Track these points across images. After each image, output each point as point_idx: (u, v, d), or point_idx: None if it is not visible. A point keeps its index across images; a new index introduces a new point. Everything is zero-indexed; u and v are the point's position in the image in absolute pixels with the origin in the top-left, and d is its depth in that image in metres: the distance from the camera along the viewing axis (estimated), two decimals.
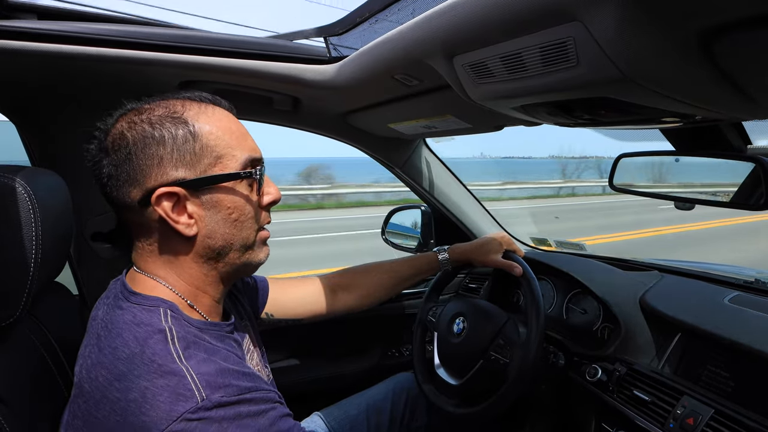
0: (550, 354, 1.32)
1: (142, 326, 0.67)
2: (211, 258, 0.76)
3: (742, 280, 1.32)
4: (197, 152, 0.71)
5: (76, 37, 0.95)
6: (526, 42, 0.62)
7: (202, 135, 0.72)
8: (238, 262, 0.78)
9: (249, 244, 0.78)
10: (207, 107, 0.76)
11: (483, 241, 1.41)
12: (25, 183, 0.71)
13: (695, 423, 0.97)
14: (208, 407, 0.59)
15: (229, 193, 0.74)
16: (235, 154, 0.74)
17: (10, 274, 0.70)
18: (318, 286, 1.25)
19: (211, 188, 0.73)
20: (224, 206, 0.74)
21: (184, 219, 0.72)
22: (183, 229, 0.71)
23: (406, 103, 1.17)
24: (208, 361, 0.65)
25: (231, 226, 0.75)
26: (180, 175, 0.71)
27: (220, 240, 0.74)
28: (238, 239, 0.76)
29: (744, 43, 0.47)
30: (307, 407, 1.38)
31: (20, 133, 1.24)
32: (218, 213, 0.73)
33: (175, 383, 0.61)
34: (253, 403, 0.64)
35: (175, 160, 0.71)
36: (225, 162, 0.73)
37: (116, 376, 0.63)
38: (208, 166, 0.72)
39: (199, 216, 0.73)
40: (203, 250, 0.74)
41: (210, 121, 0.73)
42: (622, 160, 1.13)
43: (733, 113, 0.73)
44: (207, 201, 0.73)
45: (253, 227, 0.78)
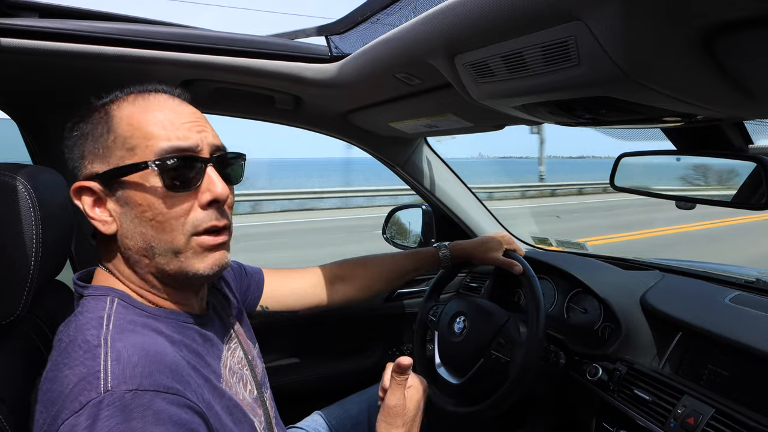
0: (551, 353, 1.32)
1: (85, 314, 0.66)
2: (137, 261, 0.70)
3: (743, 279, 1.32)
4: (109, 144, 0.68)
5: (77, 35, 0.95)
6: (528, 41, 0.62)
7: (118, 126, 0.68)
8: (168, 269, 0.70)
9: (176, 249, 0.69)
10: (142, 97, 0.72)
11: (484, 239, 1.41)
12: (25, 181, 0.71)
13: (696, 422, 0.97)
14: (107, 402, 0.55)
15: (139, 188, 0.67)
16: (150, 143, 0.67)
17: (11, 273, 0.70)
18: (316, 277, 1.24)
19: (122, 183, 0.67)
20: (135, 203, 0.68)
21: (104, 216, 0.69)
22: (99, 226, 0.69)
23: (408, 102, 1.17)
24: (137, 347, 0.61)
25: (147, 227, 0.68)
26: (94, 169, 0.69)
27: (139, 241, 0.69)
28: (161, 242, 0.69)
29: (746, 42, 0.47)
30: (308, 406, 1.38)
31: (21, 131, 1.25)
32: (132, 211, 0.68)
33: (87, 370, 0.58)
34: (158, 413, 0.57)
35: (92, 153, 0.69)
36: (138, 153, 0.67)
37: (52, 366, 0.62)
38: (120, 159, 0.67)
39: (117, 214, 0.69)
40: (125, 250, 0.70)
41: (132, 111, 0.69)
42: (623, 159, 1.12)
43: (734, 112, 0.73)
44: (121, 197, 0.68)
45: (178, 230, 0.69)
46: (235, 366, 0.84)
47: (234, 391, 0.79)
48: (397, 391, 0.91)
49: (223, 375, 0.78)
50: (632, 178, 1.14)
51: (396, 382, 0.91)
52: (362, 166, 33.90)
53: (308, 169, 57.79)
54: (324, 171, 41.03)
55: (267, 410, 0.89)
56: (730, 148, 0.94)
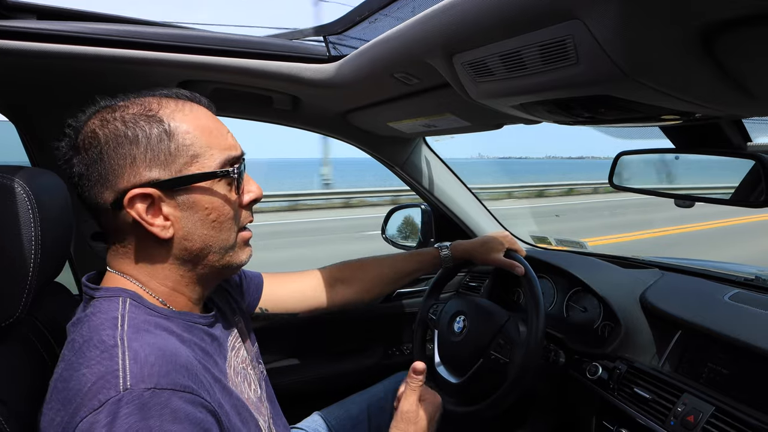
0: (551, 352, 1.32)
1: (98, 315, 0.67)
2: (188, 260, 0.73)
3: (742, 277, 1.32)
4: (172, 151, 0.69)
5: (75, 37, 0.95)
6: (526, 40, 0.62)
7: (178, 134, 0.69)
8: (217, 264, 0.76)
9: (229, 245, 0.76)
10: (184, 105, 0.73)
11: (485, 239, 1.40)
12: (24, 183, 0.71)
13: (696, 420, 0.97)
14: (126, 400, 0.56)
15: (206, 193, 0.71)
16: (212, 152, 0.72)
17: (10, 275, 0.70)
18: (315, 280, 1.24)
19: (187, 188, 0.70)
20: (201, 207, 0.71)
21: (160, 221, 0.69)
22: (158, 231, 0.69)
23: (406, 102, 1.17)
24: (153, 347, 0.62)
25: (209, 228, 0.73)
26: (154, 175, 0.68)
27: (198, 242, 0.72)
28: (218, 241, 0.74)
29: (744, 41, 0.47)
30: (308, 406, 1.38)
31: (20, 134, 1.24)
32: (195, 214, 0.71)
33: (105, 369, 0.59)
34: (175, 411, 0.58)
35: (149, 159, 0.68)
36: (201, 161, 0.71)
37: (66, 366, 0.63)
38: (184, 165, 0.69)
39: (176, 218, 0.70)
40: (180, 252, 0.72)
41: (186, 120, 0.71)
42: (621, 157, 1.12)
43: (733, 110, 0.73)
44: (183, 202, 0.70)
45: (233, 228, 0.76)
46: (239, 366, 0.85)
47: (239, 390, 0.80)
48: (411, 397, 0.95)
49: (229, 374, 0.79)
50: (631, 176, 1.14)
51: (410, 388, 0.95)
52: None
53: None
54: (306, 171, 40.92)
55: (268, 410, 0.89)
56: (729, 146, 0.94)
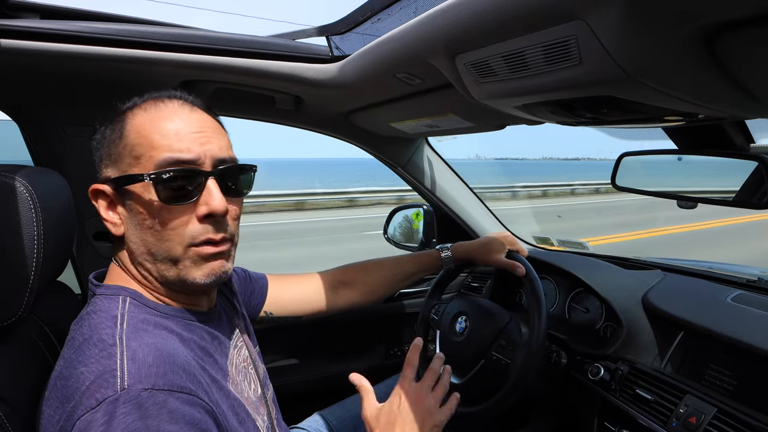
0: (553, 353, 1.32)
1: (98, 313, 0.68)
2: (140, 262, 0.73)
3: (744, 278, 1.31)
4: (120, 151, 0.71)
5: (78, 36, 0.95)
6: (529, 41, 0.62)
7: (129, 134, 0.70)
8: (168, 276, 0.72)
9: (174, 257, 0.71)
10: (157, 103, 0.72)
11: (486, 240, 1.40)
12: (26, 182, 0.71)
13: (698, 422, 0.97)
14: (124, 400, 0.56)
15: (139, 198, 0.69)
16: (153, 154, 0.68)
17: (12, 274, 0.70)
18: (318, 283, 1.24)
19: (128, 190, 0.70)
20: (137, 211, 0.70)
21: (114, 219, 0.73)
22: (110, 227, 0.73)
23: (409, 102, 1.17)
24: (151, 346, 0.62)
25: (147, 234, 0.70)
26: (108, 173, 0.72)
27: (140, 245, 0.72)
28: (159, 249, 0.71)
29: (747, 42, 0.47)
30: (309, 406, 1.38)
31: (23, 133, 1.25)
32: (135, 217, 0.71)
33: (104, 368, 0.59)
34: (172, 412, 0.58)
35: (107, 158, 0.72)
36: (142, 163, 0.69)
37: (66, 364, 0.63)
38: (128, 166, 0.70)
39: (124, 218, 0.73)
40: (130, 253, 0.74)
41: (144, 119, 0.70)
42: (624, 158, 1.12)
43: (735, 111, 0.73)
44: (128, 203, 0.71)
45: (176, 240, 0.70)
46: (241, 364, 0.85)
47: (240, 389, 0.80)
48: (364, 401, 0.93)
49: (230, 373, 0.79)
50: (634, 177, 1.14)
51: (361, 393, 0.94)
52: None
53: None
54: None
55: (269, 410, 0.89)
56: (732, 147, 0.94)
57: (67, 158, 1.23)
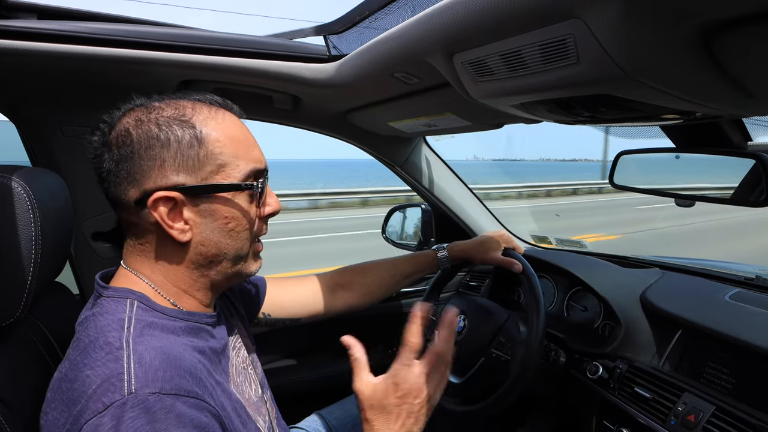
0: (551, 351, 1.32)
1: (105, 315, 0.67)
2: (202, 265, 0.75)
3: (742, 276, 1.32)
4: (201, 158, 0.70)
5: (76, 36, 0.95)
6: (526, 39, 0.62)
7: (208, 142, 0.70)
8: (229, 272, 0.77)
9: (242, 255, 0.77)
10: (217, 112, 0.74)
11: (482, 238, 1.41)
12: (23, 183, 0.71)
13: (696, 420, 0.97)
14: (132, 404, 0.56)
15: (228, 203, 0.73)
16: (239, 164, 0.73)
17: (10, 275, 0.70)
18: (316, 285, 1.24)
19: (210, 197, 0.71)
20: (221, 216, 0.72)
21: (180, 225, 0.71)
22: (177, 234, 0.70)
23: (406, 101, 1.17)
24: (158, 350, 0.63)
25: (226, 236, 0.74)
26: (180, 180, 0.69)
27: (213, 248, 0.73)
28: (232, 249, 0.75)
29: (745, 40, 0.47)
30: (308, 406, 1.38)
31: (20, 133, 1.25)
32: (214, 222, 0.72)
33: (110, 371, 0.59)
34: (180, 416, 0.58)
35: (178, 164, 0.69)
36: (228, 171, 0.72)
37: (71, 366, 0.63)
38: (210, 173, 0.71)
39: (195, 223, 0.71)
40: (195, 257, 0.73)
41: (217, 128, 0.72)
42: (622, 157, 1.12)
43: (733, 110, 0.73)
44: (204, 209, 0.71)
45: (248, 238, 0.77)
46: (240, 366, 0.86)
47: (241, 390, 0.80)
48: (356, 380, 0.86)
49: (231, 374, 0.79)
50: (631, 175, 1.14)
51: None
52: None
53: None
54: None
55: (269, 410, 0.90)
56: (730, 145, 0.94)
57: (65, 159, 1.23)
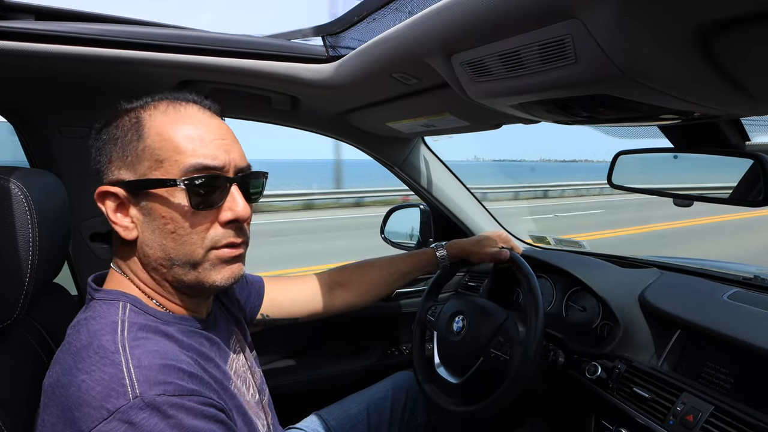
0: (550, 352, 1.32)
1: (98, 319, 0.66)
2: (154, 267, 0.72)
3: (741, 276, 1.32)
4: (139, 153, 0.68)
5: (74, 37, 0.94)
6: (525, 40, 0.62)
7: (149, 136, 0.68)
8: (185, 279, 0.72)
9: (194, 261, 0.71)
10: (174, 106, 0.72)
11: (480, 237, 1.42)
12: (21, 184, 0.71)
13: (695, 419, 0.97)
14: (140, 406, 0.56)
15: (164, 201, 0.68)
16: (179, 159, 0.68)
17: (7, 276, 0.70)
18: (314, 284, 1.24)
19: (148, 194, 0.69)
20: (158, 215, 0.69)
21: (126, 222, 0.70)
22: (121, 231, 0.70)
23: (405, 102, 1.17)
24: (155, 354, 0.62)
25: (168, 238, 0.70)
26: (121, 175, 0.69)
27: (158, 250, 0.70)
28: (179, 254, 0.70)
29: (743, 40, 0.47)
30: (307, 407, 1.38)
31: (18, 134, 1.24)
32: (154, 221, 0.69)
33: (109, 377, 0.58)
34: (189, 411, 0.59)
35: (120, 159, 0.69)
36: (166, 167, 0.68)
37: (64, 371, 0.62)
38: (148, 169, 0.68)
39: (138, 221, 0.70)
40: (144, 257, 0.72)
41: (164, 122, 0.69)
42: (620, 157, 1.13)
43: (731, 110, 0.73)
44: (144, 207, 0.69)
45: (197, 243, 0.70)
46: (240, 369, 0.86)
47: (241, 392, 0.80)
48: None
49: (231, 376, 0.79)
50: (630, 175, 1.14)
51: None
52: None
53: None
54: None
55: (266, 414, 0.90)
56: (728, 145, 0.94)
57: (63, 160, 1.23)
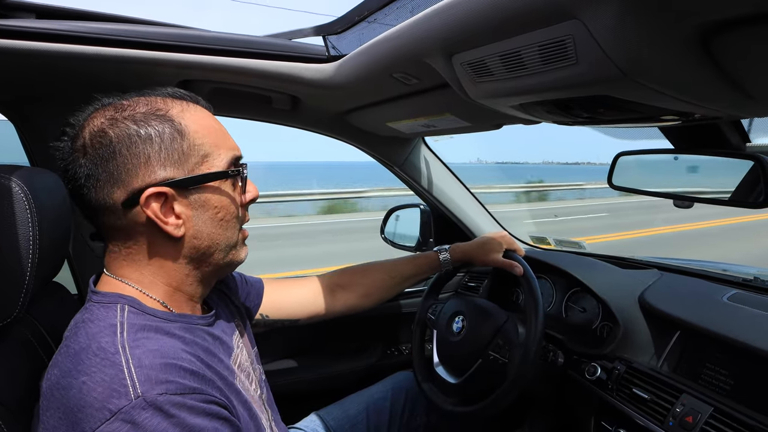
0: (550, 352, 1.32)
1: (96, 322, 0.66)
2: (195, 258, 0.74)
3: (741, 278, 1.32)
4: (185, 151, 0.70)
5: (74, 36, 0.94)
6: (525, 40, 0.62)
7: (189, 133, 0.70)
8: (221, 262, 0.77)
9: (233, 243, 0.78)
10: (189, 105, 0.74)
11: (483, 240, 1.40)
12: (21, 183, 0.71)
13: (694, 421, 0.97)
14: (142, 406, 0.56)
15: (216, 192, 0.73)
16: (220, 152, 0.74)
17: (7, 275, 0.70)
18: (316, 286, 1.24)
19: (199, 188, 0.72)
20: (212, 206, 0.73)
21: (173, 220, 0.70)
22: (172, 230, 0.69)
23: (405, 102, 1.17)
24: (155, 353, 0.62)
25: (217, 226, 0.74)
26: (169, 174, 0.69)
27: (206, 240, 0.74)
28: (224, 239, 0.76)
29: (743, 40, 0.47)
30: (306, 406, 1.38)
31: (19, 133, 1.24)
32: (206, 213, 0.73)
33: (110, 378, 0.58)
34: (192, 409, 0.60)
35: (163, 158, 0.68)
36: (211, 161, 0.72)
37: (63, 373, 0.62)
38: (196, 164, 0.71)
39: (187, 216, 0.71)
40: (189, 251, 0.73)
41: (194, 119, 0.72)
42: (620, 158, 1.13)
43: (731, 111, 0.73)
44: (195, 200, 0.71)
45: (236, 226, 0.78)
46: (244, 363, 0.86)
47: (245, 387, 0.81)
48: None
49: (236, 371, 0.79)
50: (630, 177, 1.14)
51: None
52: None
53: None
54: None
55: (267, 411, 0.90)
56: (728, 146, 0.94)
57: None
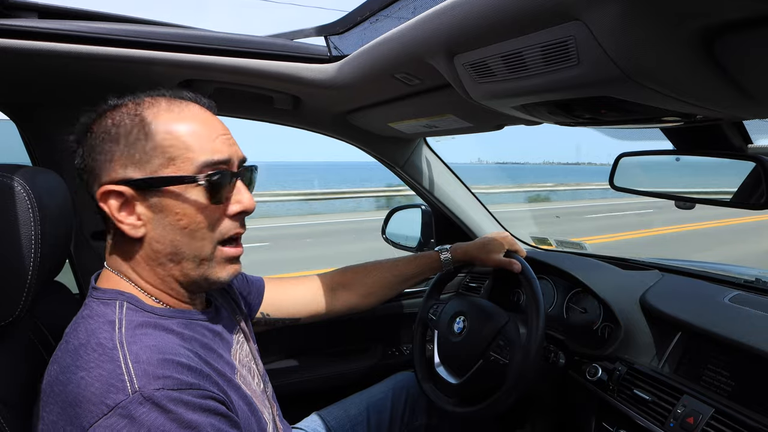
0: (551, 353, 1.32)
1: (95, 318, 0.67)
2: (161, 263, 0.72)
3: (742, 279, 1.31)
4: (147, 151, 0.69)
5: (76, 36, 0.94)
6: (527, 41, 0.62)
7: (156, 134, 0.69)
8: (193, 274, 0.74)
9: (204, 256, 0.73)
10: (176, 105, 0.73)
11: (485, 240, 1.40)
12: (24, 182, 0.71)
13: (695, 422, 0.97)
14: (139, 401, 0.57)
15: (178, 198, 0.70)
16: (191, 156, 0.69)
17: (9, 274, 0.70)
18: (317, 285, 1.24)
19: (159, 191, 0.69)
20: (172, 211, 0.70)
21: (131, 220, 0.70)
22: (128, 230, 0.70)
23: (407, 102, 1.17)
24: (153, 349, 0.63)
25: (180, 234, 0.71)
26: (128, 174, 0.69)
27: (168, 246, 0.71)
28: (190, 249, 0.72)
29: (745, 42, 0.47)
30: (307, 407, 1.38)
31: (21, 133, 1.24)
32: (166, 218, 0.70)
33: (108, 373, 0.59)
34: (189, 405, 0.60)
35: (125, 158, 0.69)
36: (178, 164, 0.69)
37: (62, 369, 0.63)
38: (159, 167, 0.69)
39: (147, 218, 0.70)
40: (152, 254, 0.72)
41: (170, 120, 0.70)
42: (622, 159, 1.12)
43: (733, 112, 0.73)
44: (155, 204, 0.70)
45: (208, 238, 0.73)
46: (244, 359, 0.86)
47: (246, 382, 0.81)
48: None
49: (236, 366, 0.80)
50: (631, 178, 1.14)
51: None
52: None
53: None
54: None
55: (270, 406, 0.90)
56: (730, 147, 0.94)
57: (65, 158, 1.23)
